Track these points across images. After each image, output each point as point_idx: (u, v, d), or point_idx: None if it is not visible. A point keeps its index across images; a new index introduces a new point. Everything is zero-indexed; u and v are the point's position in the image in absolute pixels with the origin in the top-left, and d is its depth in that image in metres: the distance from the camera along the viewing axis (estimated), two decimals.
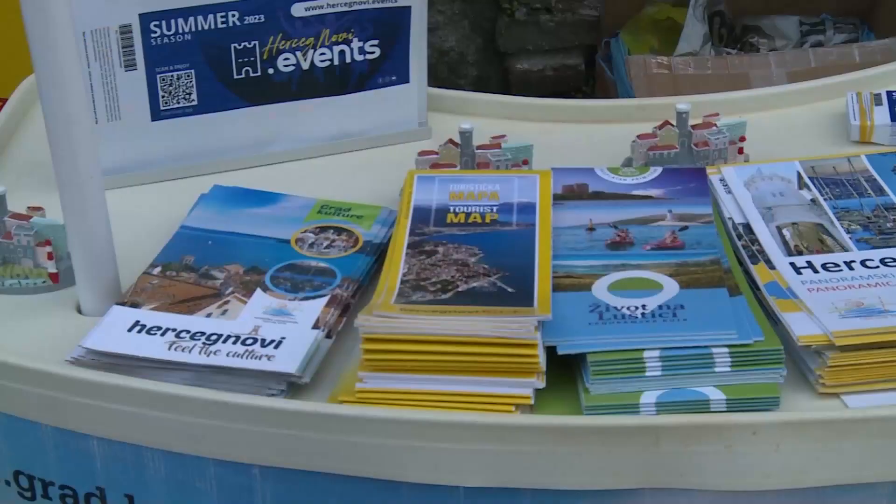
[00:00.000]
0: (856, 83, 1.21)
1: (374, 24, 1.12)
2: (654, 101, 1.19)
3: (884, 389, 0.83)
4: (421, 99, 1.17)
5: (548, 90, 2.40)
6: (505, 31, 2.41)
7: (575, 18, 2.40)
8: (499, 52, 2.44)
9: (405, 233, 0.94)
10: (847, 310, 0.85)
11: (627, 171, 1.03)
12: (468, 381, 0.82)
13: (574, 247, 0.94)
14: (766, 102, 1.21)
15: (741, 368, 0.82)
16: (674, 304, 0.86)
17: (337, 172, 1.13)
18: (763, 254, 0.93)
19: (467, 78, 2.46)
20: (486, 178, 1.01)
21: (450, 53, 2.43)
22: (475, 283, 0.88)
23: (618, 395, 0.81)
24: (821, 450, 0.79)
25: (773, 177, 1.02)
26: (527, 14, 2.39)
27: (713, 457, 0.79)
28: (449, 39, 2.42)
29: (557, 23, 2.40)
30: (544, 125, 1.19)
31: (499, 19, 2.40)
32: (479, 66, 2.46)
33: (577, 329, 0.84)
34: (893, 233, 0.94)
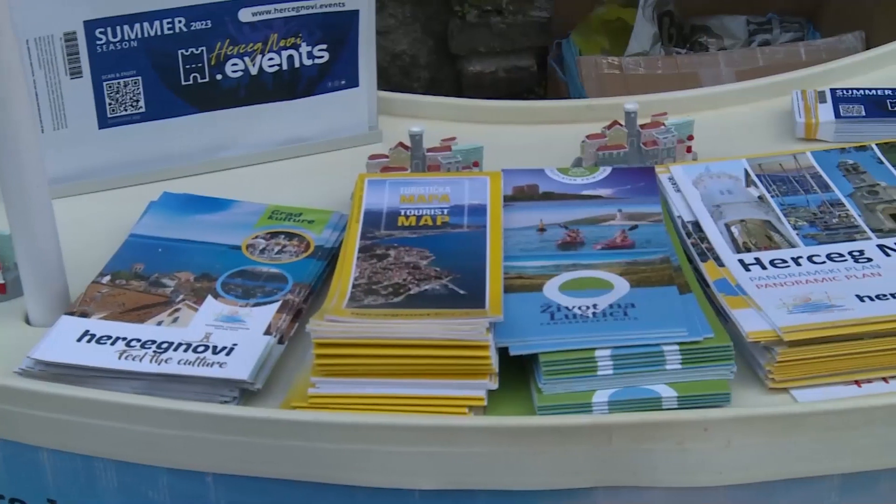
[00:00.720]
0: (801, 81, 1.22)
1: (322, 29, 1.12)
2: (603, 102, 1.20)
3: (832, 383, 0.84)
4: (371, 103, 1.17)
5: (501, 92, 2.40)
6: (457, 34, 2.41)
7: (526, 20, 2.41)
8: (451, 54, 2.44)
9: (356, 237, 0.94)
10: (795, 305, 0.86)
11: (577, 171, 1.03)
12: (421, 384, 0.82)
13: (525, 248, 0.94)
14: (713, 101, 1.22)
15: (692, 365, 0.82)
16: (624, 302, 0.86)
17: (287, 177, 1.13)
18: (712, 251, 0.94)
19: (420, 81, 2.46)
20: (436, 181, 1.01)
21: (402, 57, 2.43)
22: (427, 286, 0.88)
23: (570, 394, 0.82)
24: (771, 444, 0.80)
25: (721, 175, 1.03)
26: (478, 16, 2.40)
27: (666, 454, 0.80)
28: (401, 43, 2.42)
29: (509, 25, 2.41)
30: (495, 127, 1.20)
31: (450, 22, 2.41)
32: (431, 68, 2.46)
33: (528, 329, 0.84)
34: (839, 228, 0.95)
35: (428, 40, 2.43)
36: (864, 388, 0.83)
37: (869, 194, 0.99)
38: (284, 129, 1.14)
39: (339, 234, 0.99)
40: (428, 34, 2.43)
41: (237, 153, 1.13)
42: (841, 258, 0.91)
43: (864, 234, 0.94)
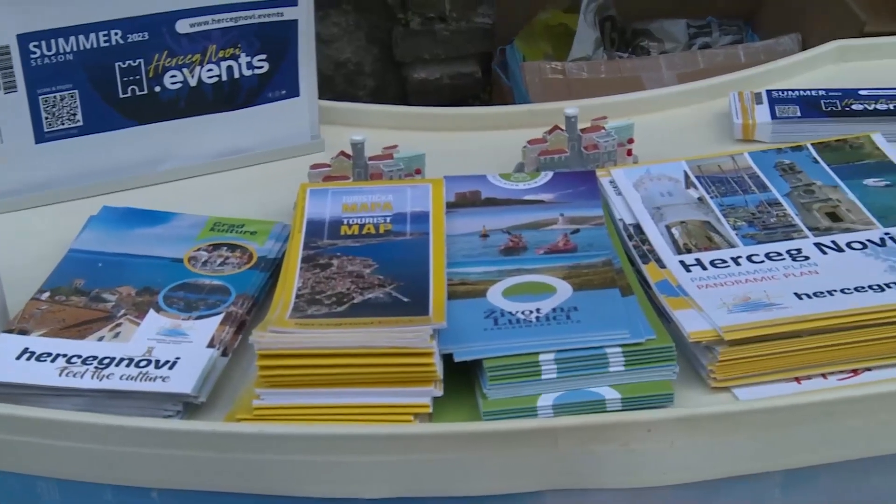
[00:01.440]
0: (738, 83, 1.24)
1: (261, 39, 1.11)
2: (544, 107, 1.21)
3: (772, 381, 0.84)
4: (312, 112, 1.16)
5: (446, 98, 2.41)
6: (401, 41, 2.41)
7: (469, 27, 2.42)
8: (396, 62, 2.44)
9: (299, 247, 0.94)
10: (735, 305, 0.87)
11: (519, 176, 1.04)
12: (366, 393, 0.82)
13: (468, 254, 0.94)
14: (653, 104, 1.23)
15: (635, 367, 0.83)
16: (567, 306, 0.87)
17: (229, 189, 1.12)
18: (653, 253, 0.94)
19: (365, 89, 2.46)
20: (378, 189, 1.01)
21: (346, 65, 2.43)
22: (370, 295, 0.88)
23: (515, 399, 0.82)
24: (714, 443, 0.81)
25: (661, 177, 1.04)
26: (422, 24, 2.40)
27: (611, 456, 0.80)
28: (345, 51, 2.41)
29: (452, 31, 2.41)
30: (437, 134, 1.20)
31: (394, 29, 2.41)
32: (376, 76, 2.46)
33: (472, 335, 0.85)
34: (777, 228, 0.96)
35: (372, 48, 2.43)
36: (804, 384, 0.84)
37: (805, 193, 1.00)
38: (225, 140, 1.14)
39: (281, 244, 0.99)
40: (372, 42, 2.42)
41: (177, 165, 1.12)
42: (779, 257, 0.93)
43: (802, 233, 0.95)
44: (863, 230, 0.95)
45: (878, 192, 1.00)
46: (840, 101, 1.15)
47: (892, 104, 1.14)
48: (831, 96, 1.16)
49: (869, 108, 1.14)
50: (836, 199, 0.99)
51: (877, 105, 1.14)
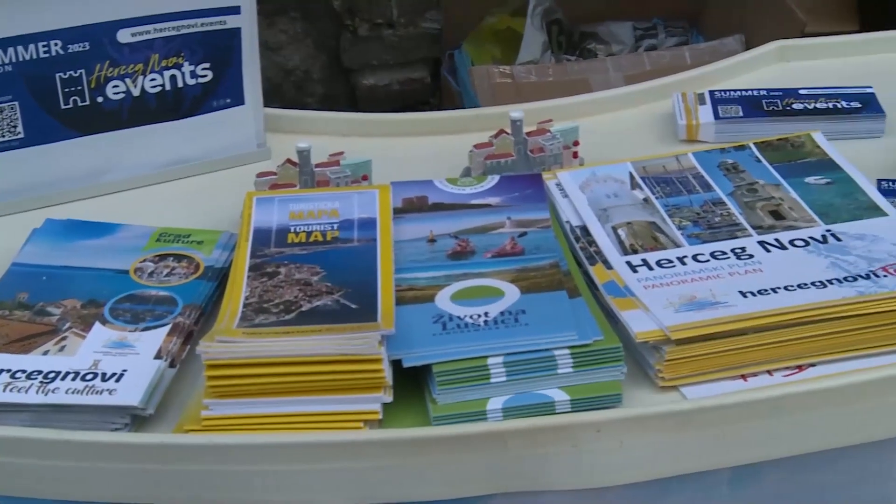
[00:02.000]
0: (682, 84, 1.25)
1: (204, 48, 1.10)
2: (491, 111, 1.21)
3: (719, 379, 0.85)
4: (257, 120, 1.16)
5: (395, 104, 2.41)
6: (349, 48, 2.41)
7: (417, 32, 2.42)
8: (344, 68, 2.44)
9: (246, 256, 0.94)
10: (681, 304, 0.88)
11: (466, 181, 1.04)
12: (315, 401, 0.82)
13: (416, 259, 0.94)
14: (599, 106, 1.24)
15: (583, 368, 0.83)
16: (515, 309, 0.87)
17: (175, 199, 1.11)
18: (600, 254, 0.95)
19: (315, 96, 2.46)
20: (325, 196, 1.00)
21: (295, 72, 2.42)
22: (318, 302, 0.88)
23: (464, 403, 0.82)
24: (663, 442, 0.81)
25: (607, 179, 1.04)
26: (370, 30, 2.40)
27: (560, 457, 0.80)
28: (293, 58, 2.41)
29: (400, 37, 2.42)
30: (384, 140, 1.20)
31: (342, 36, 2.41)
32: (325, 83, 2.45)
33: (421, 341, 0.85)
34: (721, 227, 0.97)
35: (321, 55, 2.43)
36: (750, 381, 0.85)
37: (748, 192, 1.01)
38: (170, 149, 1.13)
39: (228, 253, 0.98)
40: (320, 49, 2.42)
41: (122, 176, 1.11)
42: (724, 256, 0.93)
43: (746, 232, 0.96)
44: (805, 228, 0.96)
45: (820, 189, 1.01)
46: (781, 100, 1.17)
47: (831, 103, 1.15)
48: (773, 96, 1.18)
49: (809, 107, 1.15)
50: (779, 198, 1.01)
51: (817, 104, 1.15)
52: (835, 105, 1.15)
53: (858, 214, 0.98)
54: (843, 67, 1.26)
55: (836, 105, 1.15)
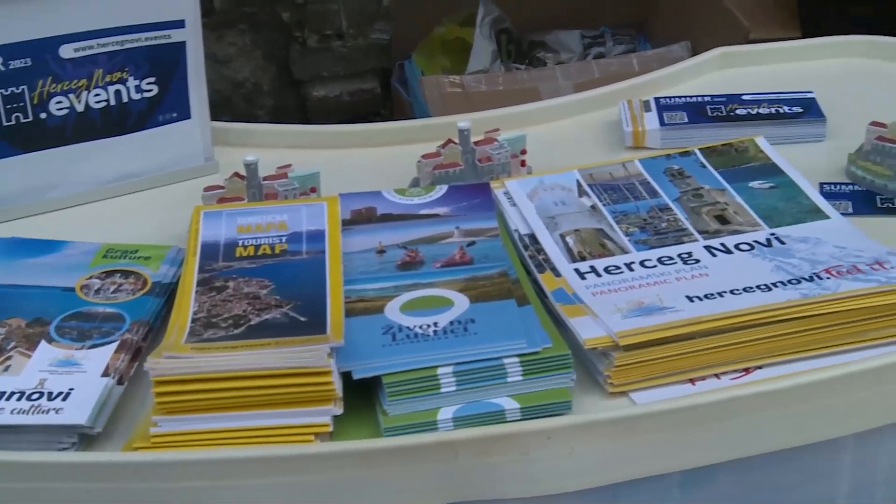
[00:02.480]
0: (628, 91, 1.26)
1: (148, 62, 1.10)
2: (438, 121, 1.22)
3: (668, 383, 0.86)
4: (204, 134, 1.15)
5: (347, 115, 2.41)
6: (299, 59, 2.41)
7: (367, 43, 2.42)
8: (294, 80, 2.43)
9: (194, 270, 0.93)
10: (629, 310, 0.88)
11: (414, 191, 1.04)
12: (266, 415, 0.81)
13: (365, 270, 0.94)
14: (546, 114, 1.25)
15: (532, 376, 0.84)
16: (464, 318, 0.87)
17: (122, 214, 1.11)
18: (549, 262, 0.95)
19: (265, 108, 2.45)
20: (273, 209, 1.00)
21: (245, 85, 2.41)
22: (267, 316, 0.87)
23: (415, 413, 0.82)
24: (613, 447, 0.82)
25: (555, 187, 1.05)
26: (319, 41, 2.40)
27: (511, 465, 0.81)
28: (243, 71, 2.40)
29: (350, 48, 2.42)
30: (332, 151, 1.20)
31: (291, 48, 2.40)
32: (275, 95, 2.45)
33: (371, 352, 0.85)
34: (668, 232, 0.98)
35: (270, 67, 2.42)
36: (699, 385, 0.86)
37: (694, 198, 1.02)
38: (116, 165, 1.12)
39: (176, 268, 0.98)
40: (270, 61, 2.41)
41: (67, 193, 1.10)
42: (671, 261, 0.94)
43: (692, 237, 0.97)
44: (750, 231, 0.97)
45: (764, 193, 1.03)
46: (725, 106, 1.18)
47: (773, 108, 1.17)
48: (717, 102, 1.19)
49: (752, 112, 1.17)
50: (724, 203, 1.02)
51: (759, 109, 1.17)
52: (777, 110, 1.16)
53: (801, 218, 0.99)
54: (784, 73, 1.28)
55: (779, 110, 1.16)
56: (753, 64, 1.30)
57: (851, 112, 1.16)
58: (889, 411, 0.87)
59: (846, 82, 1.26)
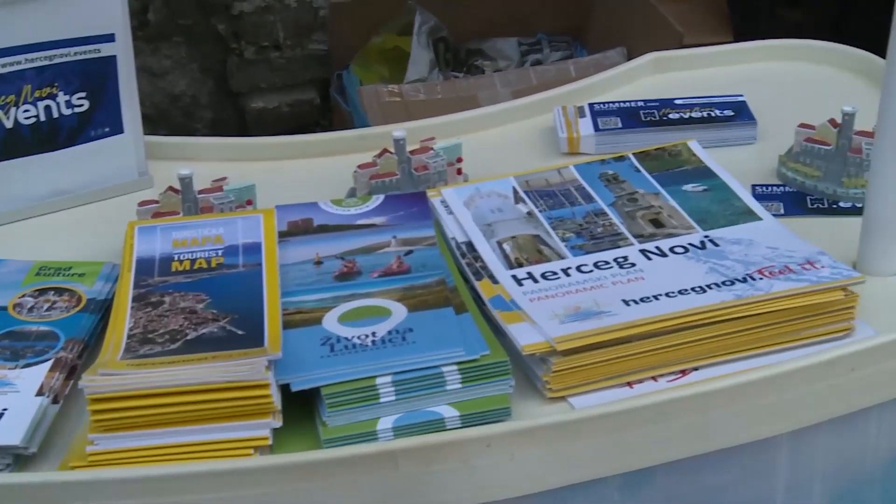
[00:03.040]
0: (563, 97, 1.26)
1: (79, 77, 1.09)
2: (374, 131, 1.21)
3: (606, 387, 0.87)
4: (138, 148, 1.14)
5: (286, 127, 2.40)
6: (236, 72, 2.40)
7: (304, 54, 2.42)
8: (232, 92, 2.42)
9: (129, 286, 0.92)
10: (566, 315, 0.89)
11: (350, 201, 1.04)
12: (204, 430, 0.81)
13: (302, 282, 0.94)
14: (482, 122, 1.25)
15: (471, 384, 0.84)
16: (403, 328, 0.87)
17: (55, 231, 1.09)
18: (486, 269, 0.96)
19: (203, 121, 2.43)
20: (209, 223, 1.00)
21: (182, 98, 2.40)
22: (204, 330, 0.87)
23: (354, 424, 0.82)
24: (553, 452, 0.82)
25: (491, 194, 1.05)
26: (256, 53, 2.39)
27: (452, 473, 0.81)
28: (179, 84, 2.38)
29: (288, 59, 2.41)
30: (269, 163, 1.19)
31: (228, 60, 2.39)
32: (213, 108, 2.43)
33: (309, 364, 0.84)
34: (604, 237, 0.99)
35: (207, 79, 2.41)
36: (636, 388, 0.86)
37: (629, 202, 1.03)
38: (48, 181, 1.10)
39: (111, 285, 0.97)
40: (207, 73, 2.40)
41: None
42: (607, 266, 0.95)
43: (627, 241, 0.98)
44: (684, 234, 0.98)
45: (697, 196, 1.04)
46: (658, 110, 1.19)
47: (705, 112, 1.18)
48: (650, 107, 1.20)
49: (685, 116, 1.18)
50: (658, 206, 1.03)
51: (692, 113, 1.18)
52: (709, 114, 1.18)
53: (734, 220, 1.00)
54: (716, 77, 1.30)
55: (710, 114, 1.18)
56: (686, 68, 1.32)
57: (781, 114, 1.18)
58: (822, 409, 0.88)
59: (776, 85, 1.28)
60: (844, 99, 1.09)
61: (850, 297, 0.90)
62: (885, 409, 0.90)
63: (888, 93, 0.91)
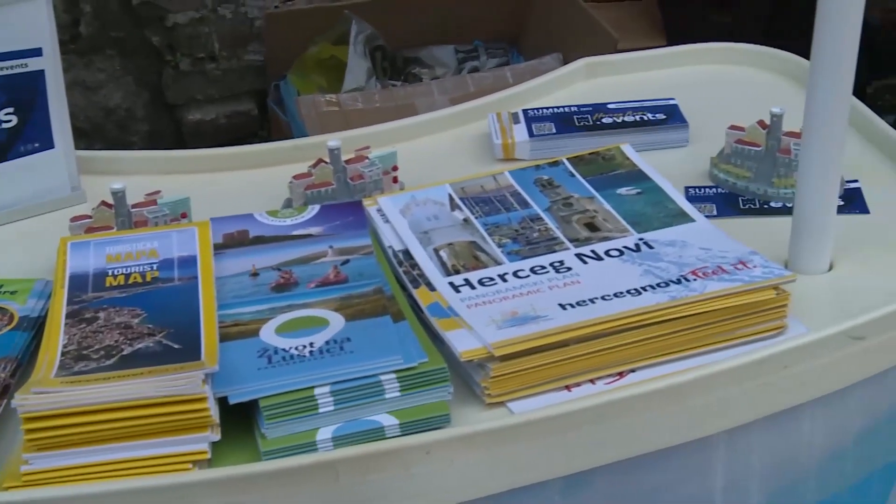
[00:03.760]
0: (497, 104, 1.27)
1: (6, 92, 1.07)
2: (308, 141, 1.21)
3: (545, 391, 0.87)
4: (69, 163, 1.13)
5: (224, 138, 2.39)
6: (172, 84, 2.38)
7: (241, 65, 2.40)
8: (168, 104, 2.40)
9: (62, 303, 0.91)
10: (503, 320, 0.89)
11: (286, 212, 1.03)
12: (141, 445, 0.80)
13: (238, 294, 0.93)
14: (418, 130, 1.25)
15: (410, 391, 0.84)
16: (340, 337, 0.87)
17: None
18: (423, 277, 0.96)
19: (139, 134, 2.41)
20: (143, 237, 0.99)
21: (117, 111, 2.37)
22: (140, 345, 0.86)
23: (294, 435, 0.82)
24: (493, 458, 0.82)
25: (427, 201, 1.05)
26: (192, 64, 2.37)
27: (393, 482, 0.81)
28: (114, 97, 2.36)
29: (224, 70, 2.40)
30: (204, 176, 1.18)
31: (164, 72, 2.37)
32: (149, 121, 2.41)
33: (247, 376, 0.84)
34: (540, 242, 0.99)
35: (143, 92, 2.38)
36: (574, 391, 0.87)
37: (564, 207, 1.04)
38: None
39: (44, 302, 0.96)
40: (142, 86, 2.38)
41: None
42: (543, 270, 0.96)
43: (563, 245, 0.99)
44: (619, 237, 0.99)
45: (631, 199, 1.05)
46: (591, 115, 1.20)
47: (638, 116, 1.19)
48: (583, 111, 1.21)
49: (618, 120, 1.19)
50: (593, 210, 1.03)
51: (624, 117, 1.19)
52: (641, 118, 1.19)
53: (668, 222, 1.01)
54: (648, 81, 1.31)
55: (643, 117, 1.19)
56: (618, 73, 1.33)
57: (712, 117, 1.19)
58: (757, 407, 0.89)
59: (707, 88, 1.29)
60: (773, 100, 1.11)
61: (782, 295, 0.91)
62: (818, 406, 0.92)
63: (813, 94, 0.93)
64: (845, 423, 0.95)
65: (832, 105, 0.93)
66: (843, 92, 0.92)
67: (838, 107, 0.93)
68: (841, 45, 0.90)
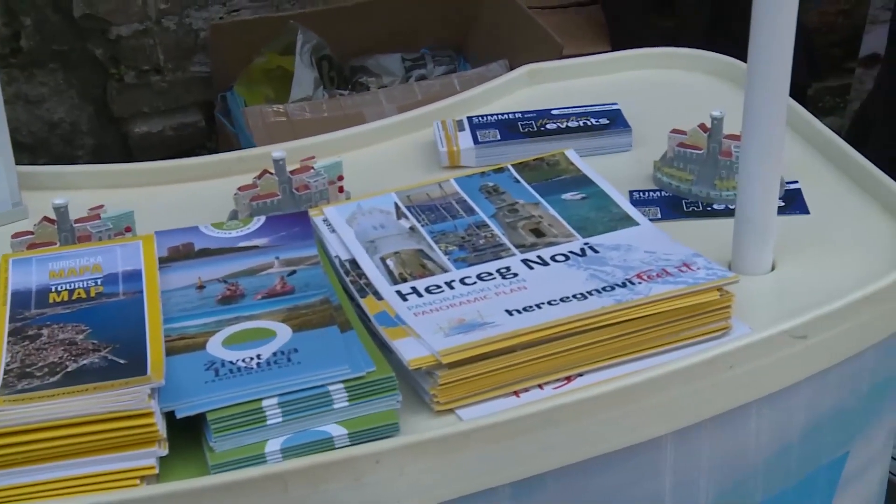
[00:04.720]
0: (442, 112, 1.27)
1: None
2: (253, 152, 1.21)
3: (493, 397, 0.87)
4: (10, 179, 1.12)
5: (171, 150, 2.37)
6: (117, 97, 2.36)
7: (186, 77, 2.39)
8: (114, 117, 2.38)
9: (4, 320, 0.90)
10: (451, 328, 0.89)
11: (231, 224, 1.03)
12: (88, 463, 0.80)
13: (185, 307, 0.93)
14: (364, 139, 1.25)
15: (358, 401, 0.84)
16: (287, 348, 0.87)
17: None
18: (370, 286, 0.96)
19: (85, 148, 2.39)
20: (86, 252, 0.98)
21: (61, 125, 2.35)
22: (85, 361, 0.85)
23: (242, 448, 0.81)
24: (442, 465, 0.83)
25: (373, 210, 1.05)
26: (137, 77, 2.36)
27: (343, 492, 0.81)
28: (58, 111, 2.34)
29: (170, 83, 2.38)
30: (147, 189, 1.17)
31: (108, 85, 2.35)
32: (95, 134, 2.39)
33: (194, 389, 0.83)
34: (486, 248, 1.00)
35: (87, 106, 2.36)
36: (523, 397, 0.87)
37: (510, 213, 1.04)
38: None
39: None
40: (86, 99, 2.36)
41: None
42: (490, 277, 0.96)
43: (509, 251, 0.99)
44: (564, 242, 1.00)
45: (576, 204, 1.05)
46: (535, 121, 1.21)
47: (581, 121, 1.20)
48: (527, 118, 1.22)
49: (562, 126, 1.20)
50: (539, 216, 1.04)
51: (568, 123, 1.20)
52: (585, 123, 1.20)
53: (613, 226, 1.02)
54: (591, 86, 1.32)
55: (586, 123, 1.20)
56: (562, 79, 1.34)
57: (655, 121, 1.20)
58: (704, 407, 0.90)
59: (649, 92, 1.31)
60: (713, 104, 1.12)
61: (725, 296, 0.93)
62: (764, 405, 0.93)
63: (751, 96, 0.94)
64: (790, 420, 0.96)
65: (769, 107, 0.94)
66: (779, 94, 0.94)
67: (775, 109, 0.94)
68: (776, 47, 0.92)
